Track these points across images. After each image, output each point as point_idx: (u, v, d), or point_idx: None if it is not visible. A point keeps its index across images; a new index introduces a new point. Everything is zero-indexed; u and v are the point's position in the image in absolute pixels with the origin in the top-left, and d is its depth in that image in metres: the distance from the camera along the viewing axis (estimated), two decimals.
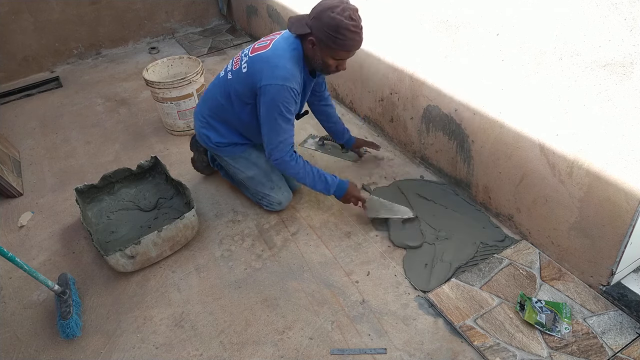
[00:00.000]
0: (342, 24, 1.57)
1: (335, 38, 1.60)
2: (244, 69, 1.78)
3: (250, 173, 2.07)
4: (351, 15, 1.59)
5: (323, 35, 1.62)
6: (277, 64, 1.69)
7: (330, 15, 1.58)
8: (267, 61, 1.71)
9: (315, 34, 1.64)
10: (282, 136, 1.79)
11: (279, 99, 1.70)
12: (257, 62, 1.74)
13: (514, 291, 1.71)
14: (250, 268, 1.90)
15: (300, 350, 1.59)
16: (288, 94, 1.70)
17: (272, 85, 1.69)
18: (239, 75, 1.81)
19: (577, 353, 1.50)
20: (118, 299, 1.82)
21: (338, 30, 1.59)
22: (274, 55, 1.71)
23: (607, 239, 1.55)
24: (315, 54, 1.71)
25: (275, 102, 1.71)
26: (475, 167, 2.01)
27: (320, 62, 1.72)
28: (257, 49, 1.78)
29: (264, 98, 1.73)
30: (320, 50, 1.68)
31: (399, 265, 1.85)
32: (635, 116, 1.31)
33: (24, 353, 1.67)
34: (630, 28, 1.23)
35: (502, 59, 1.65)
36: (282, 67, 1.69)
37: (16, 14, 3.38)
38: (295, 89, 1.72)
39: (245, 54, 1.82)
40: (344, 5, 1.59)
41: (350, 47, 1.65)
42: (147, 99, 3.16)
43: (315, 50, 1.69)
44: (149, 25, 4.00)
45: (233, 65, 1.88)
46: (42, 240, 2.12)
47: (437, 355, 1.54)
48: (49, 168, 2.60)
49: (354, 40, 1.63)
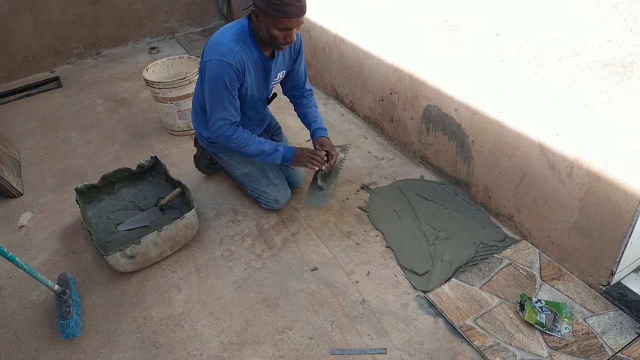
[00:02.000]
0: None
1: (271, 4, 1.56)
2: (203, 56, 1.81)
3: (244, 169, 2.06)
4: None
5: (262, 4, 1.59)
6: (217, 40, 1.73)
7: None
8: (212, 41, 1.75)
9: (256, 4, 1.62)
10: (220, 112, 1.79)
11: (215, 75, 1.71)
12: (207, 45, 1.78)
13: (514, 291, 1.71)
14: (250, 268, 1.90)
15: (300, 350, 1.59)
16: (224, 70, 1.70)
17: (210, 62, 1.71)
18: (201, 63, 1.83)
19: (577, 353, 1.50)
20: (118, 299, 1.82)
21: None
22: (217, 34, 1.75)
23: (607, 238, 1.55)
24: (260, 27, 1.68)
25: (212, 78, 1.72)
26: (475, 167, 2.01)
27: (267, 35, 1.68)
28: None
29: (205, 75, 1.76)
30: (264, 22, 1.64)
31: (398, 265, 1.85)
32: (635, 116, 1.31)
33: (24, 353, 1.67)
34: (630, 28, 1.23)
35: (502, 59, 1.65)
36: (220, 42, 1.71)
37: (16, 14, 3.38)
38: (232, 64, 1.70)
39: None
40: None
41: (289, 12, 1.58)
42: (147, 99, 3.16)
43: (259, 22, 1.67)
44: (149, 25, 4.00)
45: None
46: (42, 240, 2.12)
47: (437, 355, 1.54)
48: (49, 168, 2.60)
49: (291, 5, 1.57)
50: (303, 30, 2.99)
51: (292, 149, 1.92)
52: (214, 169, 2.39)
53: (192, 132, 2.73)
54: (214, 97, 1.76)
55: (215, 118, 1.80)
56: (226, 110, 1.79)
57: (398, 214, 2.07)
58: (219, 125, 1.81)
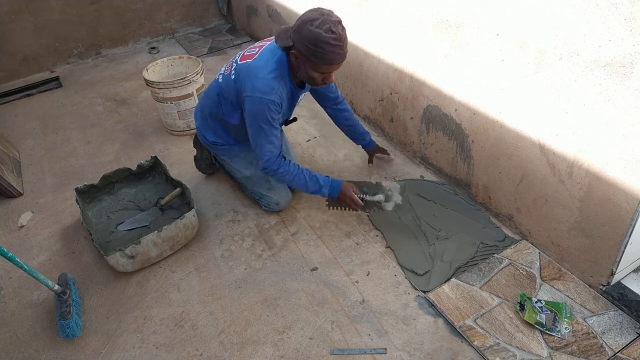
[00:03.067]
0: (321, 37, 1.53)
1: (314, 52, 1.56)
2: (232, 75, 1.81)
3: (247, 173, 2.07)
4: (331, 28, 1.53)
5: (303, 49, 1.58)
6: (258, 76, 1.70)
7: (309, 28, 1.54)
8: (250, 72, 1.72)
9: (297, 47, 1.60)
10: (265, 146, 1.80)
11: (258, 111, 1.73)
12: (242, 72, 1.76)
13: (514, 291, 1.71)
14: (250, 268, 1.90)
15: (300, 350, 1.59)
16: (266, 106, 1.71)
17: (252, 97, 1.71)
18: (229, 81, 1.83)
19: (577, 353, 1.50)
20: (118, 299, 1.82)
21: (317, 44, 1.54)
22: (257, 67, 1.71)
23: (607, 238, 1.55)
24: (299, 67, 1.68)
25: (254, 114, 1.74)
26: (475, 167, 2.01)
27: (305, 75, 1.69)
28: (245, 57, 1.80)
29: (246, 109, 1.77)
30: (303, 64, 1.65)
31: (398, 265, 1.85)
32: (635, 116, 1.31)
33: (24, 353, 1.67)
34: (630, 28, 1.23)
35: (502, 58, 1.65)
36: (262, 79, 1.69)
37: (16, 14, 3.37)
38: (275, 101, 1.72)
39: (236, 60, 1.84)
40: (325, 17, 1.54)
41: (331, 60, 1.60)
42: (147, 99, 3.16)
43: (299, 63, 1.66)
44: (149, 25, 4.00)
45: (225, 69, 1.90)
46: (42, 240, 2.12)
47: (437, 355, 1.54)
48: (49, 168, 2.60)
49: (334, 54, 1.57)
50: None
51: (336, 189, 1.91)
52: (213, 170, 2.40)
53: (192, 132, 2.73)
54: (258, 132, 1.78)
55: (262, 152, 1.82)
56: (270, 143, 1.80)
57: (398, 214, 2.07)
58: (266, 159, 1.82)
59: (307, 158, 2.49)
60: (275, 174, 1.87)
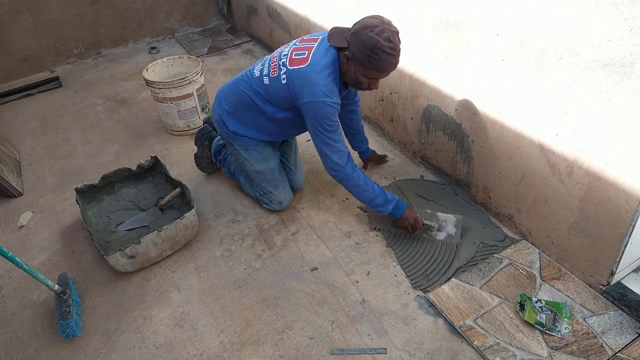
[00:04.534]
0: (379, 44, 1.57)
1: (370, 57, 1.60)
2: (282, 79, 1.77)
3: (259, 167, 2.05)
4: (390, 37, 1.58)
5: (359, 53, 1.62)
6: (317, 82, 1.69)
7: (368, 34, 1.58)
8: (307, 78, 1.71)
9: (352, 50, 1.64)
10: (333, 148, 1.79)
11: (322, 115, 1.72)
12: (296, 78, 1.73)
13: (514, 291, 1.71)
14: (250, 268, 1.90)
15: (300, 350, 1.59)
16: (330, 108, 1.72)
17: (314, 103, 1.70)
18: (277, 84, 1.79)
19: (577, 353, 1.50)
20: (118, 299, 1.82)
21: (374, 51, 1.58)
22: (313, 72, 1.71)
23: (607, 238, 1.55)
24: (349, 69, 1.71)
25: (318, 119, 1.73)
26: (475, 167, 2.01)
27: (353, 78, 1.72)
28: (295, 61, 1.75)
29: (308, 115, 1.75)
30: (354, 67, 1.68)
31: (399, 265, 1.85)
32: (635, 116, 1.31)
33: (24, 353, 1.67)
34: (630, 28, 1.23)
35: (502, 58, 1.65)
36: (321, 84, 1.70)
37: (16, 14, 3.37)
38: (336, 102, 1.73)
39: (284, 63, 1.77)
40: (385, 26, 1.58)
41: (384, 68, 1.64)
42: (147, 99, 3.16)
43: (349, 65, 1.69)
44: (149, 25, 4.00)
45: (270, 70, 1.82)
46: (42, 240, 2.12)
47: (437, 355, 1.54)
48: (49, 168, 2.60)
49: (388, 62, 1.62)
50: (303, 31, 3.00)
51: (401, 209, 1.90)
52: (214, 168, 2.40)
53: (192, 132, 2.73)
54: (324, 137, 1.76)
55: (332, 156, 1.80)
56: (340, 143, 1.79)
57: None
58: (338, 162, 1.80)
59: (307, 158, 2.49)
60: (348, 178, 1.83)
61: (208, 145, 2.32)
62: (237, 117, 1.99)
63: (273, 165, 2.07)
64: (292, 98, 1.77)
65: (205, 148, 2.32)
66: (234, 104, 1.98)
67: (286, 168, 2.19)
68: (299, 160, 2.25)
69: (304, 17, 2.92)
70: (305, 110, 1.74)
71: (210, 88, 3.05)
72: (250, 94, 1.90)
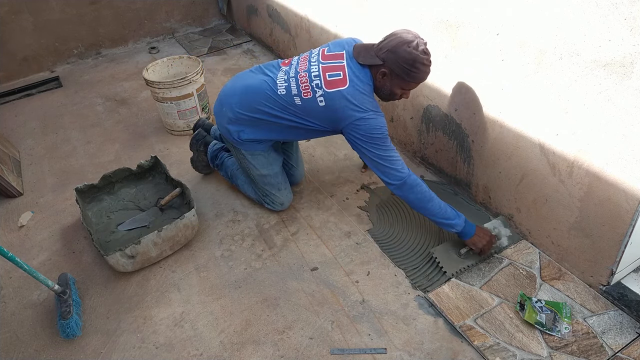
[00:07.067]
0: (418, 58, 1.64)
1: (409, 71, 1.67)
2: (320, 102, 1.75)
3: (264, 171, 2.05)
4: (425, 50, 1.66)
5: (398, 68, 1.68)
6: (364, 100, 1.72)
7: (406, 49, 1.64)
8: (352, 98, 1.72)
9: (389, 66, 1.69)
10: (391, 159, 1.76)
11: (376, 126, 1.73)
12: (338, 99, 1.72)
13: (514, 291, 1.71)
14: (250, 268, 1.90)
15: (300, 350, 1.59)
16: (382, 119, 1.75)
17: (366, 118, 1.72)
18: (314, 106, 1.77)
19: (577, 353, 1.50)
20: (118, 299, 1.82)
21: (414, 65, 1.65)
22: (357, 92, 1.72)
23: (607, 238, 1.55)
24: (384, 84, 1.76)
25: (372, 132, 1.73)
26: (475, 166, 2.01)
27: (389, 92, 1.78)
28: (332, 83, 1.73)
29: (358, 133, 1.73)
30: (391, 81, 1.74)
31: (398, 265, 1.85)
32: (635, 116, 1.31)
33: (24, 353, 1.67)
34: (630, 28, 1.23)
35: (502, 58, 1.65)
36: (367, 101, 1.74)
37: (16, 14, 3.37)
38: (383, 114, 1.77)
39: (318, 85, 1.74)
40: (419, 40, 1.66)
41: (422, 79, 1.72)
42: (147, 99, 3.16)
43: (385, 80, 1.74)
44: (149, 25, 4.00)
45: (301, 91, 1.78)
46: (42, 240, 2.12)
47: (437, 355, 1.54)
48: (49, 168, 2.60)
49: (425, 74, 1.70)
50: (303, 30, 3.00)
51: (472, 226, 1.78)
52: (210, 170, 2.41)
53: (192, 132, 2.72)
54: (386, 150, 1.75)
55: (394, 169, 1.76)
56: (395, 154, 1.77)
57: (398, 214, 2.06)
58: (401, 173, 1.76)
59: (307, 158, 2.49)
60: (415, 189, 1.76)
61: (204, 150, 2.31)
62: (247, 126, 1.94)
63: (277, 169, 2.08)
64: (334, 119, 1.77)
65: (201, 153, 2.31)
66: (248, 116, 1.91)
67: (288, 164, 2.20)
68: (300, 157, 2.27)
69: (304, 16, 2.92)
70: (354, 128, 1.74)
71: (210, 88, 3.05)
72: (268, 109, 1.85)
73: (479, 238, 1.77)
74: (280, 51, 3.50)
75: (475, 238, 1.77)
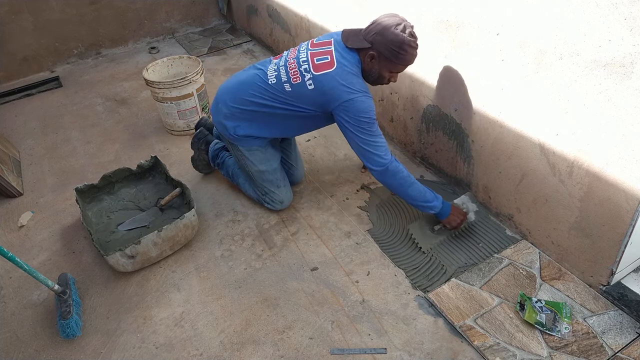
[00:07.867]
0: (405, 40, 1.68)
1: (397, 53, 1.70)
2: (309, 85, 1.77)
3: (262, 167, 2.05)
4: (412, 32, 1.70)
5: (386, 51, 1.71)
6: (352, 81, 1.75)
7: (394, 32, 1.68)
8: (340, 79, 1.74)
9: (377, 49, 1.72)
10: (376, 144, 1.78)
11: (364, 109, 1.74)
12: (326, 81, 1.74)
13: (514, 291, 1.71)
14: (250, 268, 1.90)
15: (300, 350, 1.59)
16: (370, 101, 1.77)
17: (354, 99, 1.73)
18: (303, 90, 1.79)
19: (577, 353, 1.50)
20: (118, 299, 1.82)
21: (401, 47, 1.68)
22: (344, 72, 1.74)
23: (607, 238, 1.55)
24: (372, 67, 1.78)
25: (360, 114, 1.74)
26: (475, 166, 2.01)
27: (377, 75, 1.81)
28: (320, 66, 1.75)
29: (347, 115, 1.75)
30: (379, 64, 1.76)
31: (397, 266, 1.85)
32: (635, 116, 1.31)
33: (24, 353, 1.67)
34: (630, 28, 1.23)
35: (502, 58, 1.65)
36: (356, 82, 1.76)
37: (16, 14, 3.37)
38: (371, 96, 1.79)
39: (306, 69, 1.77)
40: (405, 23, 1.70)
41: (409, 61, 1.76)
42: (147, 99, 3.16)
43: (373, 63, 1.77)
44: (149, 25, 4.00)
45: (290, 77, 1.81)
46: (42, 240, 2.13)
47: (437, 355, 1.54)
48: (49, 168, 2.60)
49: (413, 55, 1.74)
50: (303, 30, 3.00)
51: (448, 206, 1.89)
52: (211, 169, 2.40)
53: (192, 132, 2.73)
54: (370, 132, 1.77)
55: (378, 153, 1.78)
56: (380, 138, 1.79)
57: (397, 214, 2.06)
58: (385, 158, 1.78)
59: (307, 158, 2.49)
60: (397, 175, 1.80)
61: (205, 149, 2.31)
62: (241, 120, 1.96)
63: (275, 165, 2.08)
64: (323, 102, 1.79)
65: (202, 152, 2.32)
66: (240, 109, 1.94)
67: (287, 163, 2.20)
68: (298, 155, 2.27)
69: (304, 16, 2.92)
70: (343, 109, 1.75)
71: (210, 88, 3.05)
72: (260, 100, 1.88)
73: (454, 217, 1.89)
74: (280, 51, 3.50)
75: (450, 217, 1.89)
